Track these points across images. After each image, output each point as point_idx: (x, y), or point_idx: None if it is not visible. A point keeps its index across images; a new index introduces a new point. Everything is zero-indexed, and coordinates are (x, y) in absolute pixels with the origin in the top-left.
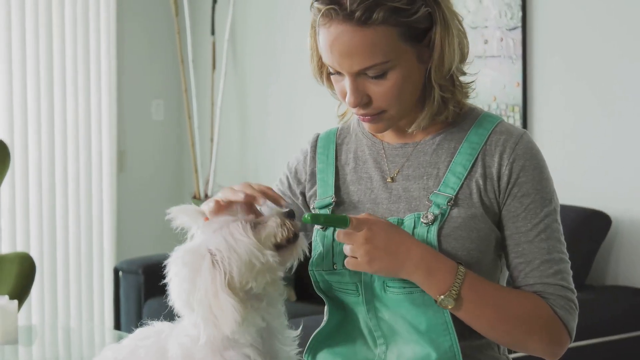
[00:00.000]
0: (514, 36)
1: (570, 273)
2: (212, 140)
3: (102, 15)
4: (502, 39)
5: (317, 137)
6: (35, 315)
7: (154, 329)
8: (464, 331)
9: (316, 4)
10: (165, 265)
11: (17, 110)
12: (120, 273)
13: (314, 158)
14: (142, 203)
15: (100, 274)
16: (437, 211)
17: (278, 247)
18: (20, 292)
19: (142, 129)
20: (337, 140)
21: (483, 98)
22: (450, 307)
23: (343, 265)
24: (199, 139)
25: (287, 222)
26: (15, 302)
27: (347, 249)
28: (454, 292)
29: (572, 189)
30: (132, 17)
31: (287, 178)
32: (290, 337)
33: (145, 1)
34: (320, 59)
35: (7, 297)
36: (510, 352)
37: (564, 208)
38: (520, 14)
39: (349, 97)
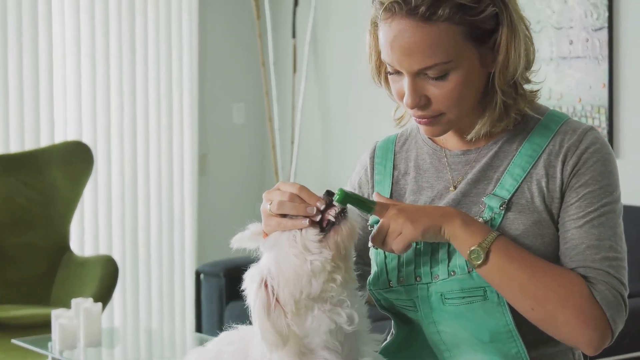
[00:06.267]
0: (600, 37)
1: (623, 267)
2: (292, 143)
3: (184, 19)
4: (587, 40)
5: (375, 146)
6: (117, 318)
7: (239, 333)
8: (536, 340)
9: None
10: (246, 269)
11: (100, 114)
12: (202, 276)
13: (373, 169)
14: (223, 206)
15: (181, 277)
16: (488, 215)
17: (327, 232)
18: (104, 295)
19: (224, 132)
20: (396, 148)
21: (568, 99)
22: (479, 261)
23: (397, 282)
24: (279, 142)
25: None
26: (99, 304)
27: (388, 239)
28: (485, 244)
29: None
30: (214, 20)
31: None
32: (373, 339)
33: (227, 4)
34: (378, 58)
35: (91, 299)
36: (585, 358)
37: None
38: (606, 14)
39: (406, 97)
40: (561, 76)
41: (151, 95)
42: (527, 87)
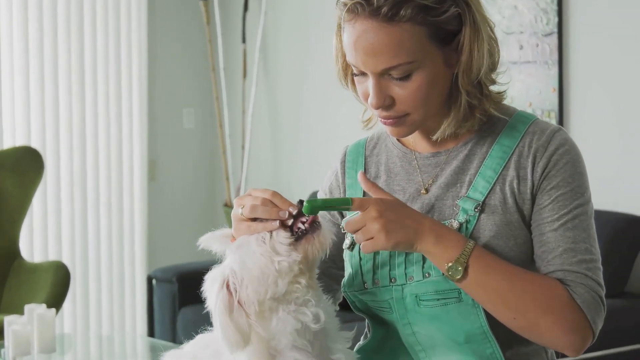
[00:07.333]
0: (549, 42)
1: (599, 268)
2: (243, 148)
3: (134, 23)
4: (537, 45)
5: (346, 151)
6: (67, 324)
7: (215, 336)
8: (510, 340)
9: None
10: (199, 274)
11: (49, 118)
12: (154, 281)
13: (344, 174)
14: (173, 211)
15: (132, 282)
16: (463, 218)
17: (298, 239)
18: (56, 301)
19: (173, 137)
20: (366, 152)
21: (518, 103)
22: (458, 276)
23: (372, 284)
24: (230, 147)
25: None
26: (53, 310)
27: (358, 236)
28: (462, 259)
29: (609, 194)
30: (164, 25)
31: None
32: (343, 337)
33: (177, 9)
34: (345, 60)
35: (44, 305)
36: (558, 356)
37: (603, 214)
38: (556, 19)
39: (371, 98)
40: (511, 81)
41: (100, 100)
42: (493, 88)
